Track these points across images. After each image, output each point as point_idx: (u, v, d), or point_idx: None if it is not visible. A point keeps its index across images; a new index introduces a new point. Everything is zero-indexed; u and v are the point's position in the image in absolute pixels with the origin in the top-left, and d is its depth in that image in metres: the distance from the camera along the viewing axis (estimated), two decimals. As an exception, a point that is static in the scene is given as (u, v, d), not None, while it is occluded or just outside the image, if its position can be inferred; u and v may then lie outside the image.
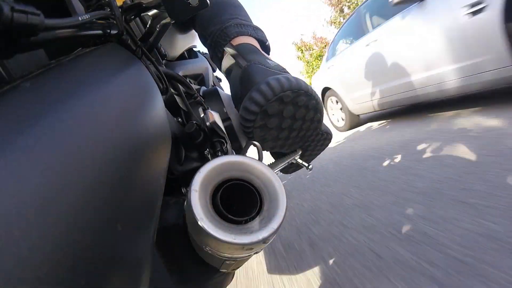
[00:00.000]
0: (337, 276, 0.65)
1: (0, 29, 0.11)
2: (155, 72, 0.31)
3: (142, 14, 0.41)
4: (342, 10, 11.55)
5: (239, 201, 0.26)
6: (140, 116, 0.20)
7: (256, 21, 0.61)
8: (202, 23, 0.58)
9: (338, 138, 2.59)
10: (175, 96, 0.43)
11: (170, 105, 0.43)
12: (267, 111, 0.43)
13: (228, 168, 0.26)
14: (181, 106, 0.43)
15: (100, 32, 0.22)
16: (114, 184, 0.14)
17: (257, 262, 0.87)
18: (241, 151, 0.55)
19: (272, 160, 0.63)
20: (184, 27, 0.71)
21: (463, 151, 1.08)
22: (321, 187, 1.35)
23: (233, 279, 0.40)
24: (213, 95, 0.56)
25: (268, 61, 0.50)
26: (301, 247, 0.86)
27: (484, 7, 1.28)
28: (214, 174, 0.25)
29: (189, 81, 0.71)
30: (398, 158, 1.31)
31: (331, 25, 12.01)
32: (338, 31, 2.99)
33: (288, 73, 0.49)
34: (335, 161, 1.74)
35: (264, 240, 0.22)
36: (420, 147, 1.34)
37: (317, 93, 0.48)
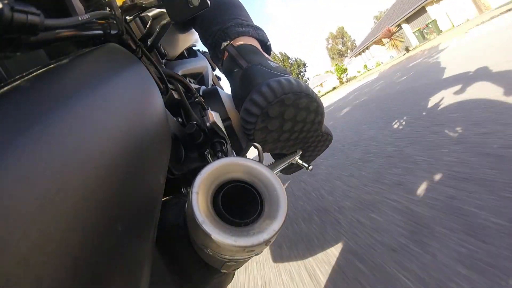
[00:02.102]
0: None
1: (0, 29, 0.11)
2: (155, 72, 0.31)
3: (142, 14, 0.41)
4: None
5: (240, 203, 0.26)
6: (140, 116, 0.20)
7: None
8: (203, 23, 0.58)
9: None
10: (175, 96, 0.43)
11: (170, 105, 0.43)
12: (268, 113, 0.43)
13: (228, 170, 0.26)
14: (181, 106, 0.43)
15: (100, 32, 0.22)
16: (114, 184, 0.14)
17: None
18: (241, 151, 0.55)
19: (272, 160, 0.63)
20: (184, 26, 0.71)
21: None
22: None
23: (233, 279, 0.40)
24: (213, 95, 0.56)
25: (269, 62, 0.50)
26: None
27: None
28: (215, 176, 0.25)
29: (189, 80, 0.71)
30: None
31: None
32: None
33: (290, 74, 0.49)
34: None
35: (265, 242, 0.22)
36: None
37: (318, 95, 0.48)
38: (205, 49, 0.70)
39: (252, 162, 0.27)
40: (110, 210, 0.13)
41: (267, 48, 0.58)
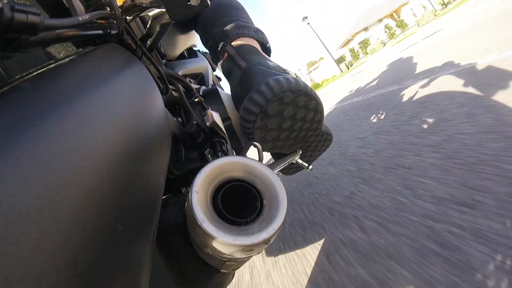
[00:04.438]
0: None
1: (0, 29, 0.11)
2: (155, 72, 0.31)
3: (142, 14, 0.41)
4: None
5: (240, 202, 0.26)
6: (140, 116, 0.20)
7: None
8: (204, 25, 0.59)
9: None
10: (175, 96, 0.43)
11: (170, 105, 0.43)
12: (267, 111, 0.43)
13: (228, 169, 0.26)
14: (181, 106, 0.43)
15: (100, 32, 0.22)
16: (114, 184, 0.14)
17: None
18: (241, 151, 0.55)
19: (272, 160, 0.63)
20: (184, 27, 0.71)
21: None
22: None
23: (233, 279, 0.40)
24: (213, 95, 0.57)
25: (268, 62, 0.50)
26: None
27: None
28: (214, 175, 0.25)
29: (189, 80, 0.71)
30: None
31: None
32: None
33: (289, 73, 0.49)
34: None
35: (265, 241, 0.22)
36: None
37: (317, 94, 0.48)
38: (206, 50, 0.70)
39: (251, 161, 0.27)
40: (110, 210, 0.13)
41: (267, 49, 0.59)
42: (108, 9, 0.24)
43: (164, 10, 0.34)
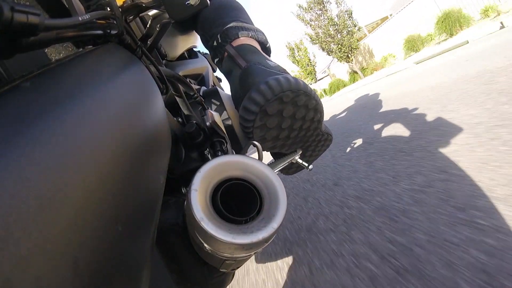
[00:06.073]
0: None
1: (0, 29, 0.11)
2: (155, 72, 0.31)
3: (142, 14, 0.41)
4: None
5: (239, 200, 0.26)
6: (140, 116, 0.20)
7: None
8: (204, 25, 0.59)
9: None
10: (175, 96, 0.43)
11: (170, 105, 0.43)
12: (266, 111, 0.43)
13: (228, 167, 0.26)
14: (181, 106, 0.43)
15: (100, 32, 0.22)
16: (114, 184, 0.14)
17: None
18: (241, 151, 0.55)
19: (272, 160, 0.63)
20: (184, 28, 0.71)
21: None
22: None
23: (233, 279, 0.40)
24: (213, 95, 0.57)
25: (268, 61, 0.50)
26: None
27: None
28: (214, 173, 0.25)
29: (189, 81, 0.71)
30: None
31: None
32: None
33: (288, 73, 0.49)
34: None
35: (264, 240, 0.22)
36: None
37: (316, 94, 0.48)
38: (206, 51, 0.70)
39: (251, 160, 0.27)
40: (110, 210, 0.13)
41: (266, 50, 0.59)
42: (108, 9, 0.24)
43: (164, 10, 0.34)
